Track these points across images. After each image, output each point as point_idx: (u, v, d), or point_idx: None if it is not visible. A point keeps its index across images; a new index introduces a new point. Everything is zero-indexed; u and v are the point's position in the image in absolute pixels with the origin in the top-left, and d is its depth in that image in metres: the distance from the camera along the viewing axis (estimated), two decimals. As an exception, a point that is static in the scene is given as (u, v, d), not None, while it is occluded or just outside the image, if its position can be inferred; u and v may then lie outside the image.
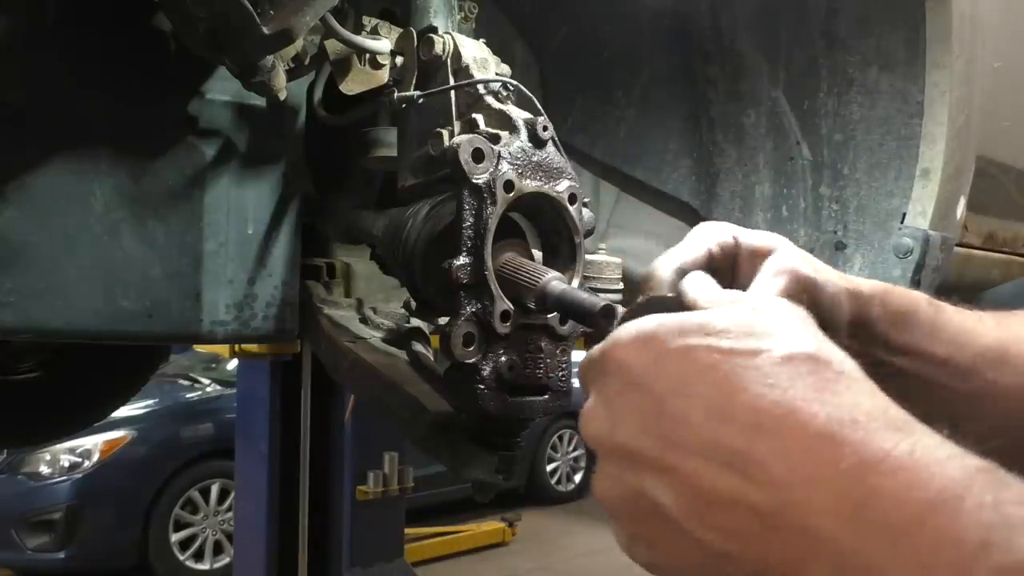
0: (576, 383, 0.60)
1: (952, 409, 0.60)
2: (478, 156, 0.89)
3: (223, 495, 5.77)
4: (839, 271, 0.62)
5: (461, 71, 1.06)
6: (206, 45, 1.07)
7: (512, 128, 0.96)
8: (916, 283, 1.32)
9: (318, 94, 1.34)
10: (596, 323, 0.79)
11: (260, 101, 1.26)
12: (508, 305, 0.89)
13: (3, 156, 1.08)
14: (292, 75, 1.22)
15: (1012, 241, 1.88)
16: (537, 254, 0.98)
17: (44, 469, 5.40)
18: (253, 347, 4.14)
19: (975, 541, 0.36)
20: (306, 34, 1.11)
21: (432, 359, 1.15)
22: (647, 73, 1.68)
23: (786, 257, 0.59)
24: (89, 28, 1.14)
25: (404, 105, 1.11)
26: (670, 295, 0.56)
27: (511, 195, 0.90)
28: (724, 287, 0.55)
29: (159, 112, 1.20)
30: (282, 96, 1.17)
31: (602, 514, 0.49)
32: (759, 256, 0.60)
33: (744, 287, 0.57)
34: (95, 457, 5.42)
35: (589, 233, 0.98)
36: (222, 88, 1.23)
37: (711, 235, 0.62)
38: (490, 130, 0.97)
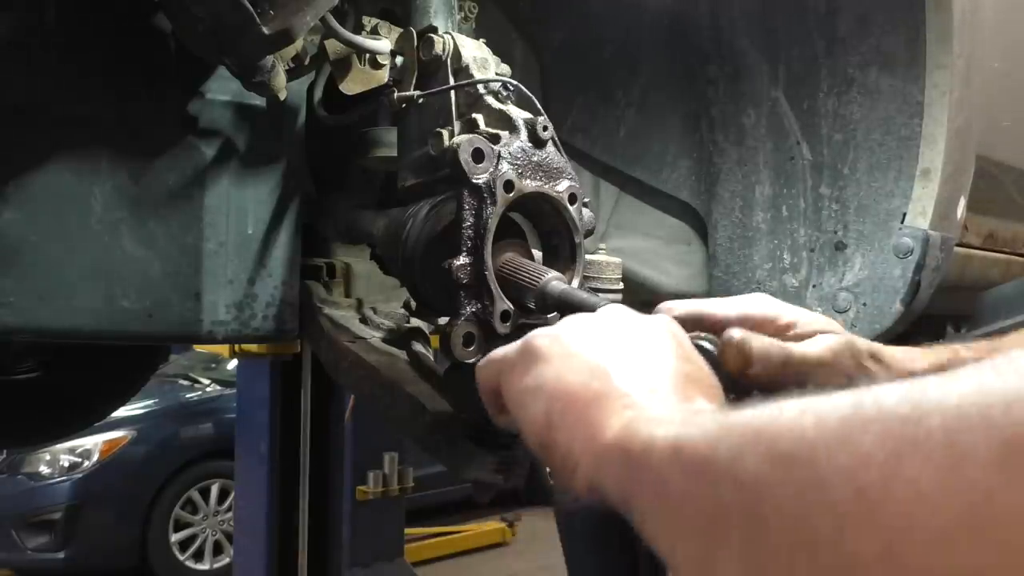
0: None
1: None
2: (478, 156, 0.89)
3: (223, 495, 5.76)
4: (899, 350, 0.73)
5: (461, 71, 1.06)
6: (206, 45, 1.07)
7: (512, 128, 0.96)
8: (916, 283, 1.32)
9: (318, 94, 1.34)
10: (596, 323, 0.79)
11: (260, 101, 1.26)
12: (508, 305, 0.89)
13: (3, 156, 1.08)
14: (292, 75, 1.22)
15: (1012, 241, 1.88)
16: (537, 254, 0.98)
17: (44, 469, 5.39)
18: (253, 347, 4.13)
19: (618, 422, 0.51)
20: (306, 34, 1.11)
21: (432, 359, 1.15)
22: (647, 73, 1.68)
23: (831, 340, 0.71)
24: (89, 28, 1.14)
25: (404, 105, 1.11)
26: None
27: (511, 195, 0.90)
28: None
29: (159, 112, 1.20)
30: (282, 96, 1.17)
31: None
32: (803, 337, 0.73)
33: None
34: (95, 457, 5.41)
35: (589, 233, 0.98)
36: (222, 88, 1.23)
37: (752, 307, 0.75)
38: (490, 130, 0.97)
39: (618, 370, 0.56)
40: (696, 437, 0.44)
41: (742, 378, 0.64)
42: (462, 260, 0.88)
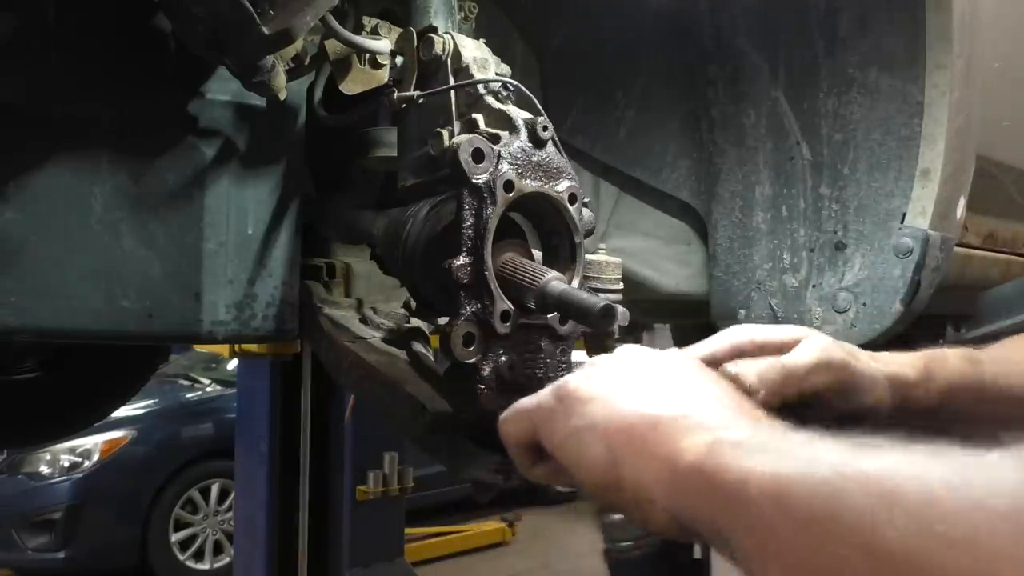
0: None
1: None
2: (478, 156, 0.89)
3: (223, 495, 5.76)
4: (878, 353, 0.72)
5: (461, 71, 1.06)
6: (206, 45, 1.07)
7: (512, 128, 0.96)
8: (916, 283, 1.32)
9: (318, 94, 1.34)
10: (596, 323, 0.79)
11: (260, 101, 1.26)
12: (508, 305, 0.89)
13: (3, 156, 1.08)
14: (292, 75, 1.22)
15: (1012, 241, 1.88)
16: (537, 254, 0.98)
17: (44, 469, 5.39)
18: (253, 347, 4.13)
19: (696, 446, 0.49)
20: (306, 34, 1.11)
21: (432, 359, 1.15)
22: (647, 73, 1.68)
23: (818, 341, 0.70)
24: (89, 28, 1.14)
25: (404, 105, 1.11)
26: None
27: (511, 195, 0.90)
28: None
29: (159, 112, 1.20)
30: (282, 96, 1.17)
31: (601, 514, 0.54)
32: (787, 347, 0.71)
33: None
34: (95, 457, 5.41)
35: (589, 233, 0.98)
36: (222, 88, 1.23)
37: (729, 338, 0.73)
38: (490, 130, 0.97)
39: (666, 395, 0.54)
40: (800, 482, 0.41)
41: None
42: (462, 260, 0.88)
